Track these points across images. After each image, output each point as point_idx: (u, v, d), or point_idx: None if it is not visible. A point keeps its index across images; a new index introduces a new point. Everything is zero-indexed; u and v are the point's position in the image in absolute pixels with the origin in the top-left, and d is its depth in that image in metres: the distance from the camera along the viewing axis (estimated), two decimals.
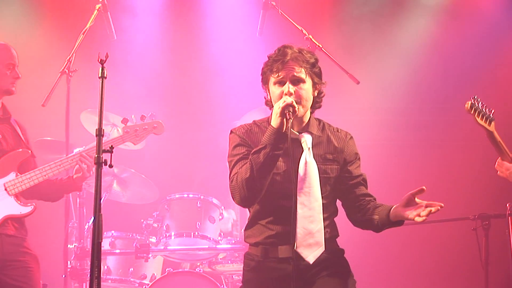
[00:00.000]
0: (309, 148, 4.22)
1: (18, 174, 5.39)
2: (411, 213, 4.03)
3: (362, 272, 7.71)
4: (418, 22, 8.37)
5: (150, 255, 6.80)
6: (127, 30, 7.94)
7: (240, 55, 8.09)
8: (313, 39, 6.73)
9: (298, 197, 4.12)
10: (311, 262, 4.14)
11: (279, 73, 4.17)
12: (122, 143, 5.76)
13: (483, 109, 4.67)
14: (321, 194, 4.19)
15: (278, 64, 4.17)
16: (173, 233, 6.86)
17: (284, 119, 4.02)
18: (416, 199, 4.06)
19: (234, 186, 4.14)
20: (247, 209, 4.44)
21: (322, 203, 4.19)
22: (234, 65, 8.15)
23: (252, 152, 4.09)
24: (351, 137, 4.44)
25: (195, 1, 8.50)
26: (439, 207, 3.99)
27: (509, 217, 5.69)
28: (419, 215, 3.99)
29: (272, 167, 4.06)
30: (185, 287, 6.57)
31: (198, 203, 6.85)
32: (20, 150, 5.47)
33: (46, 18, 8.03)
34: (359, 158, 4.41)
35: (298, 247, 4.10)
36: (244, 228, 4.43)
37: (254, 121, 4.39)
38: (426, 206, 4.01)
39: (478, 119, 4.66)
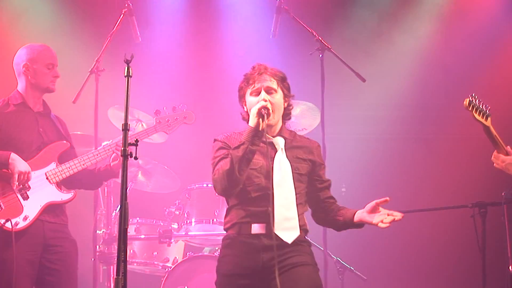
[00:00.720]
0: (281, 149, 4.44)
1: (58, 164, 5.40)
2: (375, 219, 4.28)
3: (364, 259, 7.75)
4: (421, 23, 8.33)
5: (172, 240, 6.84)
6: (149, 33, 7.93)
7: (255, 55, 8.07)
8: (322, 40, 6.73)
9: (274, 189, 4.32)
10: (289, 242, 4.30)
11: (254, 84, 4.42)
12: (155, 132, 5.75)
13: (480, 106, 4.66)
14: (295, 189, 4.38)
15: (253, 77, 4.44)
16: (193, 220, 6.89)
17: (260, 119, 4.26)
18: (379, 207, 4.31)
19: (216, 178, 4.34)
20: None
21: (296, 196, 4.37)
22: (250, 64, 8.12)
23: (232, 148, 4.30)
24: (319, 145, 4.67)
25: (213, 6, 8.49)
26: (400, 217, 4.26)
27: (505, 205, 5.68)
28: (382, 222, 4.24)
29: (249, 161, 4.27)
30: (204, 269, 6.59)
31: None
32: (59, 142, 5.49)
33: (73, 21, 8.03)
34: (324, 166, 4.63)
35: (276, 230, 4.27)
36: (224, 217, 4.57)
37: (233, 131, 4.59)
38: (388, 215, 4.26)
39: (476, 115, 4.66)
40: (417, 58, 8.36)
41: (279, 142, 4.46)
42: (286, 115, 4.55)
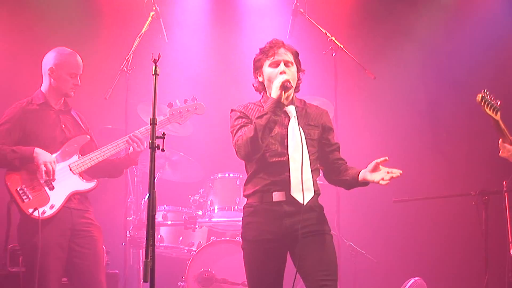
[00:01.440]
0: (294, 116, 4.48)
1: (80, 156, 5.45)
2: (376, 177, 4.34)
3: (375, 243, 7.73)
4: (429, 21, 8.27)
5: (197, 226, 6.87)
6: (173, 33, 7.92)
7: None
8: (335, 41, 6.73)
9: (289, 155, 4.39)
10: (304, 203, 4.33)
11: (274, 57, 4.48)
12: (168, 123, 5.81)
13: (492, 101, 4.64)
14: (308, 153, 4.44)
15: (272, 50, 4.50)
16: (216, 207, 6.91)
17: (283, 92, 4.31)
18: (380, 166, 4.36)
19: (239, 144, 4.38)
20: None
21: (310, 160, 4.43)
22: None
23: (256, 117, 4.34)
24: (327, 112, 4.72)
25: (233, 9, 8.48)
26: (399, 174, 4.30)
27: (506, 193, 5.66)
28: (383, 179, 4.28)
29: (271, 130, 4.33)
30: (226, 253, 6.62)
31: (237, 181, 6.90)
32: (81, 136, 5.53)
33: (104, 23, 8.02)
34: (333, 130, 4.69)
35: (292, 192, 4.34)
36: (243, 185, 4.59)
37: (248, 102, 4.63)
38: (388, 173, 4.31)
39: (487, 110, 4.65)
40: (423, 58, 8.30)
41: (291, 110, 4.51)
42: (296, 87, 4.59)
